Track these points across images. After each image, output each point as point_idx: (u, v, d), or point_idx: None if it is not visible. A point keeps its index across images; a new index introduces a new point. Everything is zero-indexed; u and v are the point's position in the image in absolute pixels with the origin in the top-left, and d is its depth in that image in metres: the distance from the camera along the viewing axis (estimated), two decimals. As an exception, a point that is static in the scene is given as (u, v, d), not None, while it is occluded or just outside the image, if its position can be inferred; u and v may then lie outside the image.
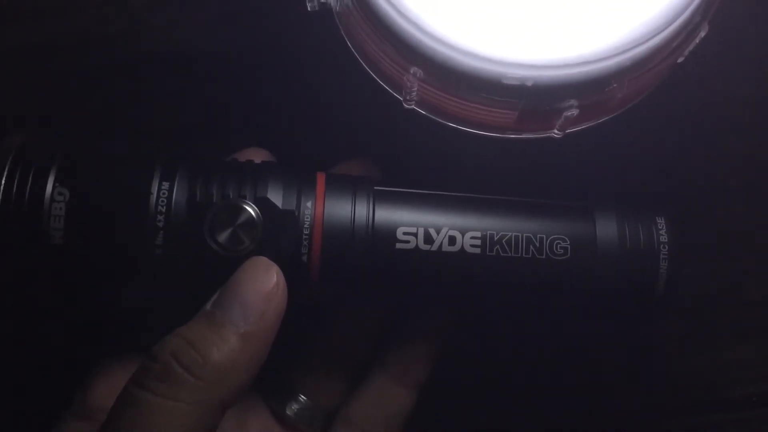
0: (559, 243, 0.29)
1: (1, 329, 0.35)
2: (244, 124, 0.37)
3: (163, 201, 0.27)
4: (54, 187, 0.27)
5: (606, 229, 0.30)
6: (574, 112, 0.28)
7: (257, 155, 0.31)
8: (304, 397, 0.33)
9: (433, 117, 0.30)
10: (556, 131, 0.29)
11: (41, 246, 0.27)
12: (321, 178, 0.29)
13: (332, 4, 0.29)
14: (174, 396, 0.25)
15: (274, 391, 0.33)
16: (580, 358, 0.37)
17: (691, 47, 0.28)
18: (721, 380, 0.37)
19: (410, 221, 0.29)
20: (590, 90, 0.27)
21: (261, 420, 0.32)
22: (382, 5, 0.28)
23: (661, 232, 0.30)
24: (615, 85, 0.27)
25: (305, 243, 0.28)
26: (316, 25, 0.31)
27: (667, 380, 0.37)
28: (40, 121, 0.36)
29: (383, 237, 0.29)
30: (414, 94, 0.29)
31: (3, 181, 0.27)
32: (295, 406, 0.32)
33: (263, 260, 0.27)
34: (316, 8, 0.30)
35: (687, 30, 0.28)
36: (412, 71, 0.28)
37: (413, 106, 0.30)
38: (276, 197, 0.28)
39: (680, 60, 0.29)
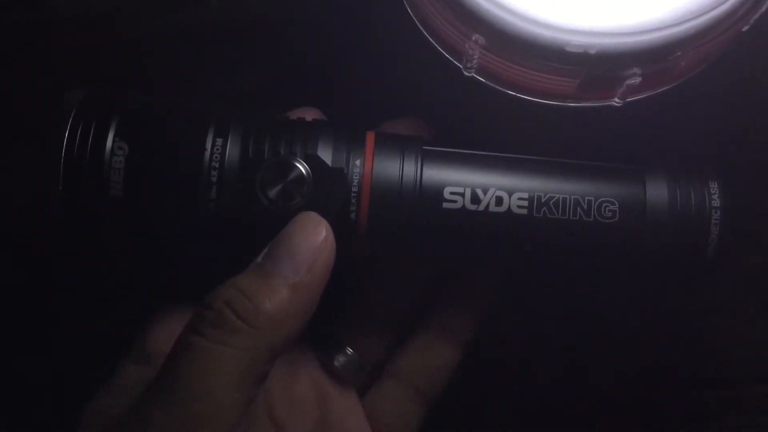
0: (608, 206, 0.29)
1: (63, 277, 0.37)
2: (300, 83, 0.37)
3: (216, 157, 0.28)
4: (114, 141, 0.28)
5: (656, 192, 0.29)
6: (637, 80, 0.28)
7: (309, 114, 0.31)
8: (351, 350, 0.33)
9: (493, 84, 0.30)
10: (616, 99, 0.29)
11: (102, 197, 0.28)
12: (370, 137, 0.30)
13: (394, -29, 0.30)
14: (227, 342, 0.26)
15: (323, 344, 0.34)
16: (627, 324, 0.36)
17: (757, 15, 0.28)
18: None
19: (457, 181, 0.29)
20: (653, 58, 0.27)
21: (310, 370, 0.33)
22: (445, -28, 0.28)
23: (713, 196, 0.30)
24: (679, 54, 0.27)
25: (353, 200, 0.29)
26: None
27: (714, 352, 0.37)
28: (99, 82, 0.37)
29: (430, 196, 0.29)
30: (475, 61, 0.29)
31: (66, 135, 0.28)
32: (342, 358, 0.33)
33: (313, 215, 0.28)
34: (378, -25, 0.30)
35: (754, -3, 0.28)
36: (474, 38, 0.28)
37: (473, 74, 0.30)
38: (326, 155, 0.29)
39: (745, 29, 0.28)
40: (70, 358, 0.37)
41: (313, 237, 0.28)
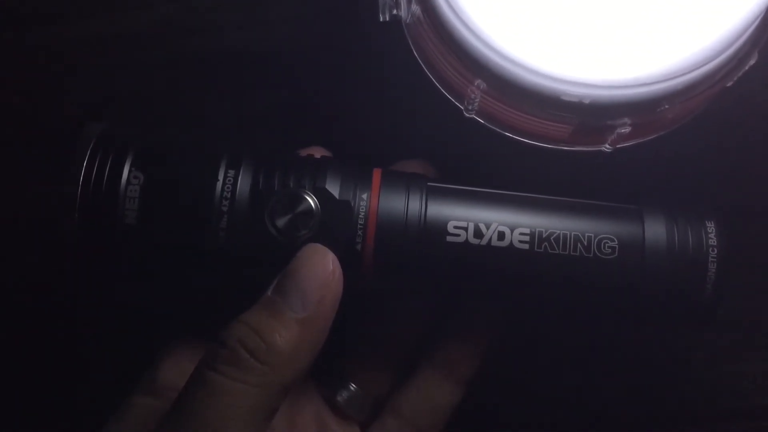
0: (607, 242, 0.30)
1: (75, 304, 0.37)
2: (306, 123, 0.38)
3: (228, 187, 0.29)
4: (130, 171, 0.29)
5: (654, 230, 0.30)
6: (627, 129, 0.30)
7: (317, 152, 0.32)
8: (354, 386, 0.34)
9: (491, 126, 0.32)
10: (607, 146, 0.31)
11: (116, 224, 0.29)
12: (377, 173, 0.31)
13: (403, 16, 0.31)
14: (242, 379, 0.27)
15: (326, 378, 0.34)
16: (616, 359, 0.38)
17: (740, 73, 0.30)
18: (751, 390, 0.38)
19: (461, 216, 0.30)
20: (643, 110, 0.29)
21: (313, 405, 0.34)
22: (452, 21, 0.30)
23: (710, 235, 0.30)
24: (667, 107, 0.29)
25: (359, 232, 0.29)
26: (383, 31, 0.33)
27: (699, 387, 0.38)
28: (114, 111, 0.38)
29: (434, 230, 0.30)
30: (476, 104, 0.31)
31: (85, 163, 0.29)
32: (345, 393, 0.34)
33: (320, 247, 0.29)
34: (387, 19, 0.32)
35: (737, 58, 0.30)
36: (476, 83, 0.30)
37: (473, 116, 0.32)
38: (333, 188, 0.30)
39: (729, 84, 0.30)
40: (76, 388, 0.37)
41: (322, 270, 0.28)
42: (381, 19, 0.32)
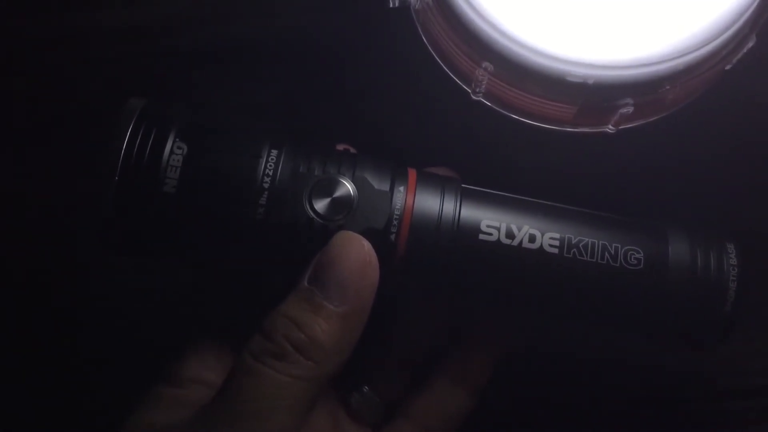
0: (633, 254, 0.31)
1: (107, 269, 0.38)
2: (317, 112, 0.39)
3: (270, 165, 0.30)
4: (174, 141, 0.29)
5: (678, 246, 0.31)
6: (629, 109, 0.31)
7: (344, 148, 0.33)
8: (367, 389, 0.35)
9: (498, 109, 0.33)
10: (610, 127, 0.32)
11: (155, 192, 0.29)
12: (412, 171, 0.32)
13: (412, 2, 0.32)
14: (288, 372, 0.27)
15: (341, 380, 0.34)
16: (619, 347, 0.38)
17: (738, 56, 0.31)
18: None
19: (494, 216, 0.31)
20: (645, 90, 0.30)
21: (328, 404, 0.34)
22: (459, 4, 0.31)
23: (731, 255, 0.31)
24: (668, 87, 0.30)
25: (395, 223, 0.30)
26: (386, 20, 0.34)
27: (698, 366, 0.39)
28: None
29: (468, 226, 0.30)
30: (483, 86, 0.32)
31: (129, 130, 0.29)
32: (358, 396, 0.34)
33: (354, 235, 0.29)
34: (396, 5, 0.33)
35: (736, 40, 0.31)
36: (483, 65, 0.31)
37: (480, 98, 0.33)
38: (372, 179, 0.30)
39: (728, 67, 0.31)
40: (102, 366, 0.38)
41: (358, 260, 0.29)
42: (390, 5, 0.33)
